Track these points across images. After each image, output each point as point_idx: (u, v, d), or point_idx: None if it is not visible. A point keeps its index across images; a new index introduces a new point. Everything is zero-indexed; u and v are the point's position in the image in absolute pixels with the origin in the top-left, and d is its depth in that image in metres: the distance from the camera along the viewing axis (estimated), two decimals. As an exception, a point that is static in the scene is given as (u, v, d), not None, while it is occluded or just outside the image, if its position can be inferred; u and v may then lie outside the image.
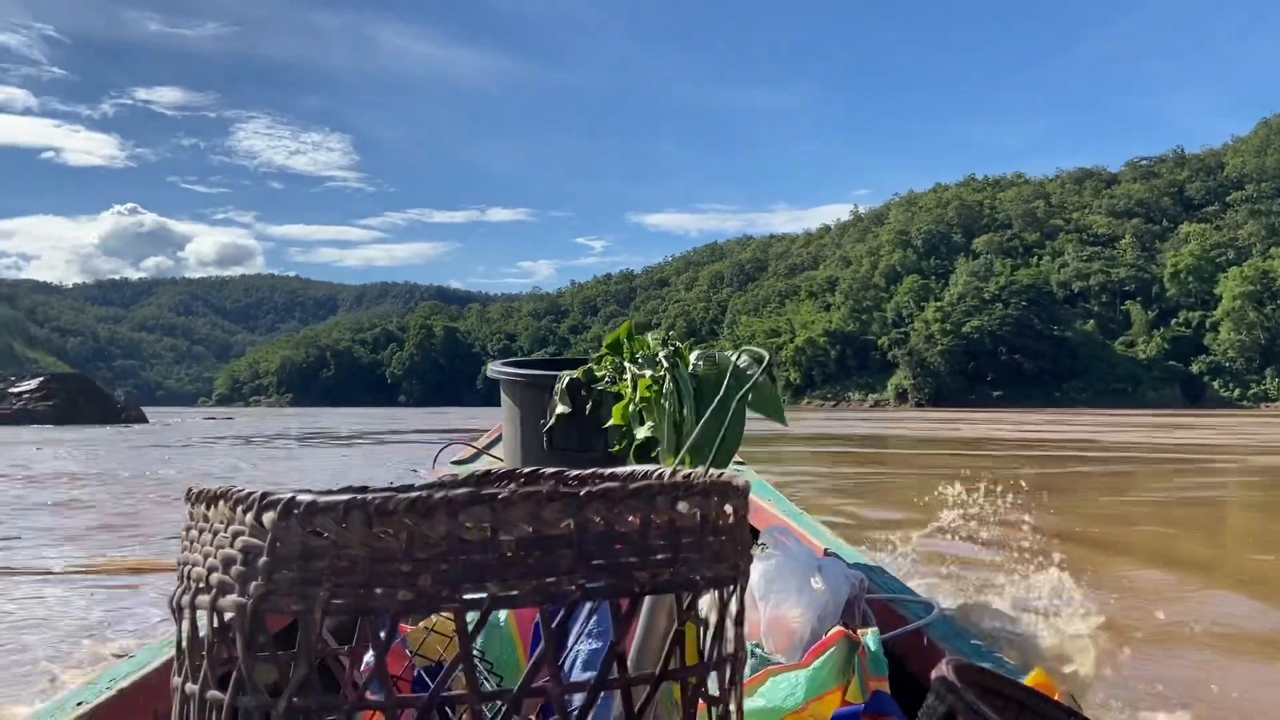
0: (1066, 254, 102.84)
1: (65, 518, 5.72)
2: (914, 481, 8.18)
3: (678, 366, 1.70)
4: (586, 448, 1.89)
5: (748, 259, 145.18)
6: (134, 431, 20.00)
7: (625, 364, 1.85)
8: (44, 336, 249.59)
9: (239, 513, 0.60)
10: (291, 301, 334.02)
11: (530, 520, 0.58)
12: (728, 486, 0.68)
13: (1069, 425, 25.69)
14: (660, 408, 1.66)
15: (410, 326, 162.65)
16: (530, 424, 2.06)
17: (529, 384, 2.14)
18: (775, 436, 16.96)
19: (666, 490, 0.63)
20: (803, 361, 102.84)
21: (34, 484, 8.07)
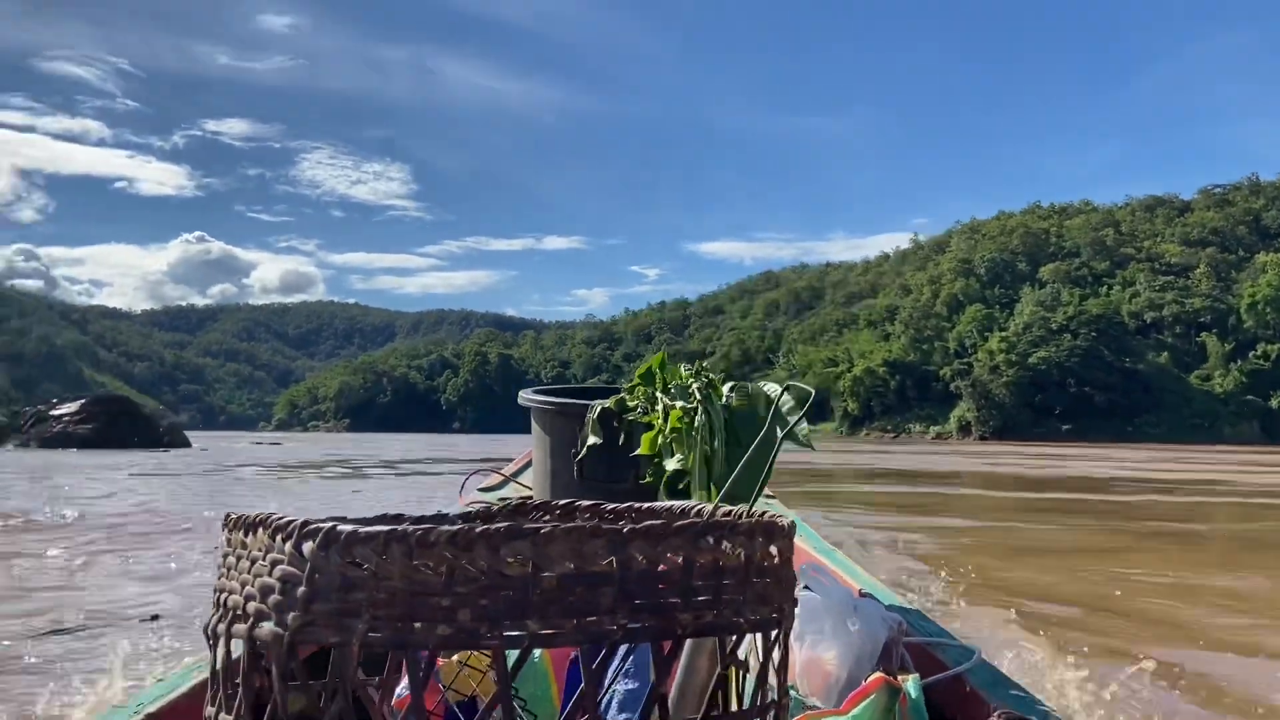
0: (1138, 284, 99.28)
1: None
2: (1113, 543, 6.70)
3: (710, 399, 1.68)
4: (617, 479, 1.87)
5: (804, 287, 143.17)
6: (171, 456, 19.19)
7: (657, 395, 1.82)
8: (112, 361, 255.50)
9: (278, 541, 0.59)
10: (351, 328, 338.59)
11: (572, 556, 0.57)
12: (773, 526, 0.66)
13: (1187, 463, 23.65)
14: (691, 440, 1.65)
15: (465, 353, 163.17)
16: (560, 453, 2.01)
17: (559, 412, 2.07)
18: (839, 471, 15.44)
19: (711, 529, 0.62)
20: (861, 392, 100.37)
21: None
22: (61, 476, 12.19)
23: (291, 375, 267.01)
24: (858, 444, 72.01)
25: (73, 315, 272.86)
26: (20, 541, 5.65)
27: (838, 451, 30.36)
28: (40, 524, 6.60)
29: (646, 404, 1.84)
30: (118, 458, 17.74)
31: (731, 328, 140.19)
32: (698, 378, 1.77)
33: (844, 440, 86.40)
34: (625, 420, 1.87)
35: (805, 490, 11.14)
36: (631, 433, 1.83)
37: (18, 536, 5.93)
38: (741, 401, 1.67)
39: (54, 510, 7.44)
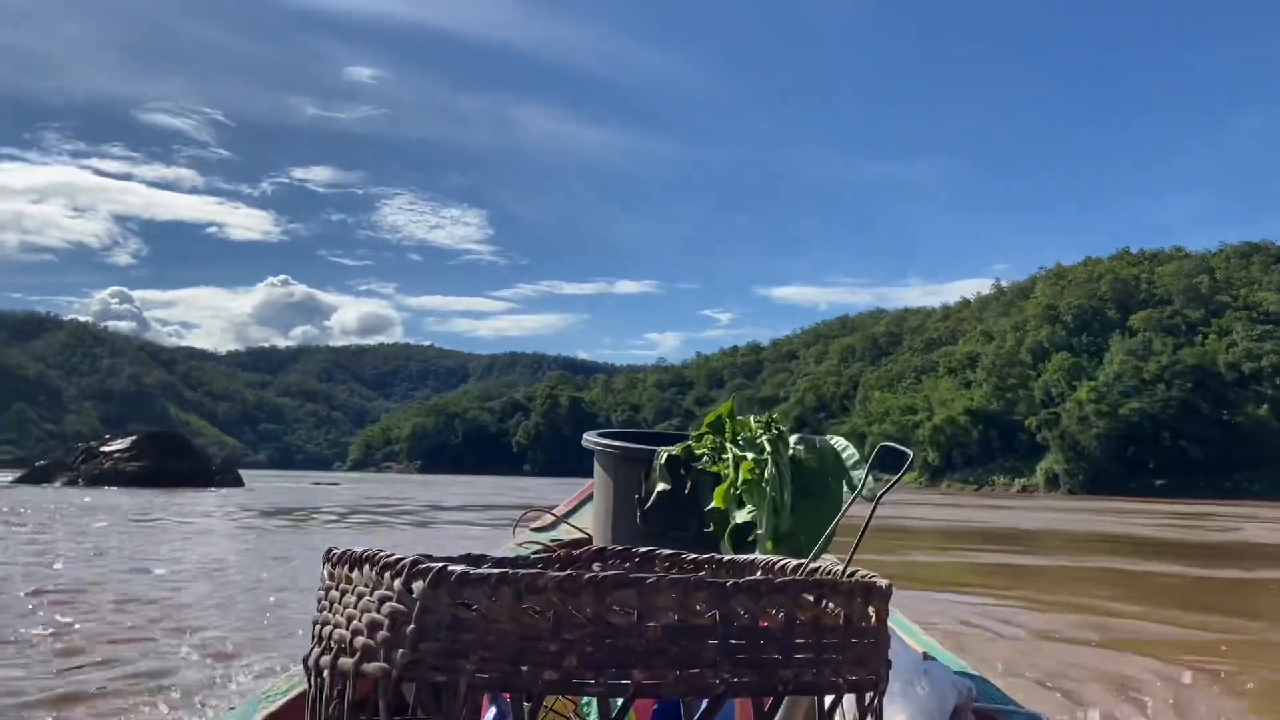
0: (1234, 333, 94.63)
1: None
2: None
3: (779, 450, 1.67)
4: (680, 527, 1.82)
5: (881, 332, 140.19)
6: (215, 498, 18.40)
7: (726, 444, 1.79)
8: (196, 400, 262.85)
9: (387, 578, 0.59)
10: (425, 370, 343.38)
11: (676, 608, 0.57)
12: (872, 588, 0.66)
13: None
14: (761, 492, 1.63)
15: (537, 396, 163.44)
16: (623, 497, 1.96)
17: (625, 457, 2.00)
18: (918, 528, 13.92)
19: (812, 587, 0.61)
20: (941, 441, 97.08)
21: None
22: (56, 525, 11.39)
23: (367, 416, 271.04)
24: (937, 495, 69.24)
25: (161, 355, 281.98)
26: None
27: (916, 504, 28.52)
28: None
29: (713, 453, 1.81)
30: (154, 499, 16.94)
31: (806, 373, 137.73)
32: (767, 429, 1.75)
33: (923, 491, 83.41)
34: (692, 468, 1.82)
35: (878, 550, 9.73)
36: (697, 481, 1.80)
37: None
38: (810, 454, 1.66)
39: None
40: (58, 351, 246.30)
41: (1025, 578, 8.43)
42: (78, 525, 10.60)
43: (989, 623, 5.31)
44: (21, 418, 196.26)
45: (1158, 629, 5.52)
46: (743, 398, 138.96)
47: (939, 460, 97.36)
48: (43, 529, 10.07)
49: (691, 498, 1.81)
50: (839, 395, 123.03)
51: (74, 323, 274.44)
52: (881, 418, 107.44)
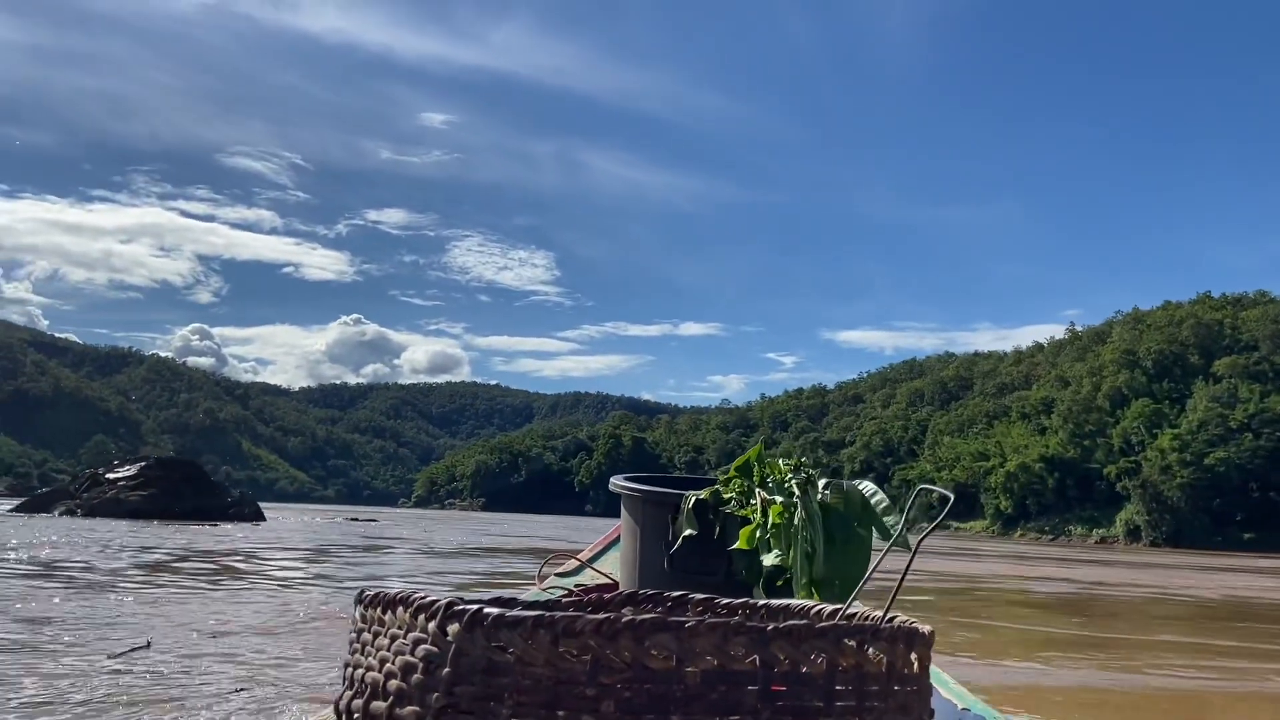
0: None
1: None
2: None
3: (808, 494, 1.69)
4: (708, 571, 1.83)
5: (950, 376, 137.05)
6: (216, 533, 16.03)
7: (755, 488, 1.82)
8: (268, 435, 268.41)
9: (421, 620, 0.58)
10: (491, 409, 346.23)
11: (715, 653, 0.56)
12: (915, 634, 0.65)
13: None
14: (791, 536, 1.65)
15: (600, 436, 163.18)
16: (650, 541, 1.97)
17: (652, 501, 2.01)
18: (987, 588, 12.85)
19: (854, 632, 0.60)
20: (1015, 489, 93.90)
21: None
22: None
23: (433, 453, 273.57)
24: (1010, 544, 66.76)
25: (236, 391, 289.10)
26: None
27: (984, 557, 27.10)
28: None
29: (742, 497, 1.83)
30: (147, 532, 14.80)
31: (872, 416, 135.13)
32: (796, 473, 1.77)
33: (996, 539, 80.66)
34: (720, 513, 1.84)
35: (935, 608, 8.57)
36: (725, 526, 1.82)
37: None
38: (836, 499, 1.67)
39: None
40: (138, 385, 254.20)
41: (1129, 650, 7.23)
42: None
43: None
44: (100, 449, 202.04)
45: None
46: (807, 441, 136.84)
47: (1012, 509, 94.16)
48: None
49: (719, 542, 1.81)
50: (907, 440, 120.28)
51: (155, 357, 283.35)
52: (952, 463, 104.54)
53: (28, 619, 4.84)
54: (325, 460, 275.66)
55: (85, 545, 10.92)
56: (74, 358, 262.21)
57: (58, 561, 8.56)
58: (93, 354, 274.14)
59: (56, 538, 12.18)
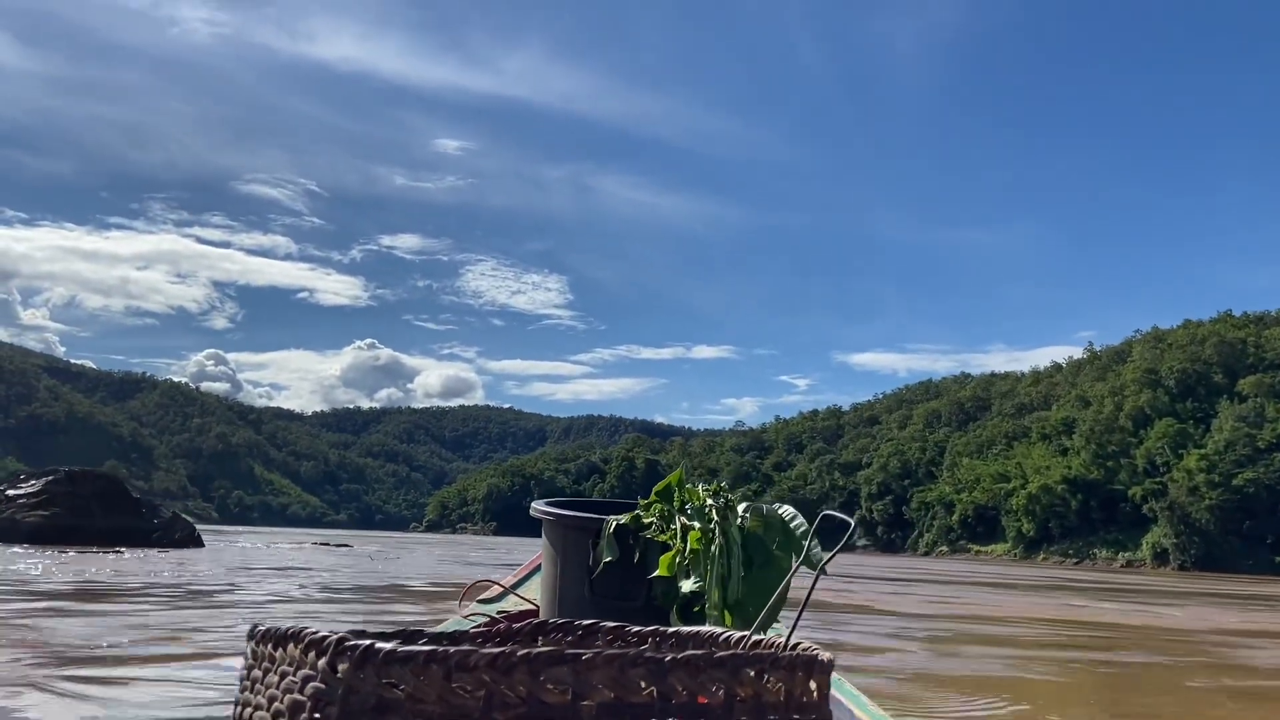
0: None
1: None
2: None
3: (728, 519, 1.70)
4: (628, 597, 1.83)
5: (967, 397, 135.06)
6: (128, 564, 11.70)
7: (675, 513, 1.82)
8: (281, 459, 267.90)
9: (311, 657, 0.55)
10: (504, 432, 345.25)
11: (613, 685, 0.55)
12: (814, 661, 0.64)
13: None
14: (709, 561, 1.65)
15: (613, 458, 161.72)
16: (571, 567, 1.95)
17: (573, 526, 1.99)
18: (1013, 634, 11.12)
19: (753, 662, 0.60)
20: (1037, 511, 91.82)
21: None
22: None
23: (446, 477, 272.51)
24: (1033, 569, 64.83)
25: (249, 415, 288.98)
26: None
27: (1006, 586, 25.44)
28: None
29: (662, 522, 1.83)
30: (30, 561, 11.08)
31: (889, 438, 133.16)
32: (715, 498, 1.77)
33: (1018, 564, 78.61)
34: (641, 538, 1.83)
35: (950, 648, 6.47)
36: (646, 551, 1.82)
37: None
38: (757, 523, 1.67)
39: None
40: (151, 410, 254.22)
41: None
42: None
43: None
44: (112, 474, 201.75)
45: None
46: (823, 463, 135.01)
47: (1034, 531, 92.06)
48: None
49: (640, 568, 1.80)
50: (925, 461, 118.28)
51: (168, 383, 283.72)
52: (971, 485, 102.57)
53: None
54: (338, 485, 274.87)
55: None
56: (88, 383, 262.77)
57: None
58: (106, 379, 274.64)
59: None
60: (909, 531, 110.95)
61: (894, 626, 7.89)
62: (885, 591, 14.52)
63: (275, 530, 74.19)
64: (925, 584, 18.95)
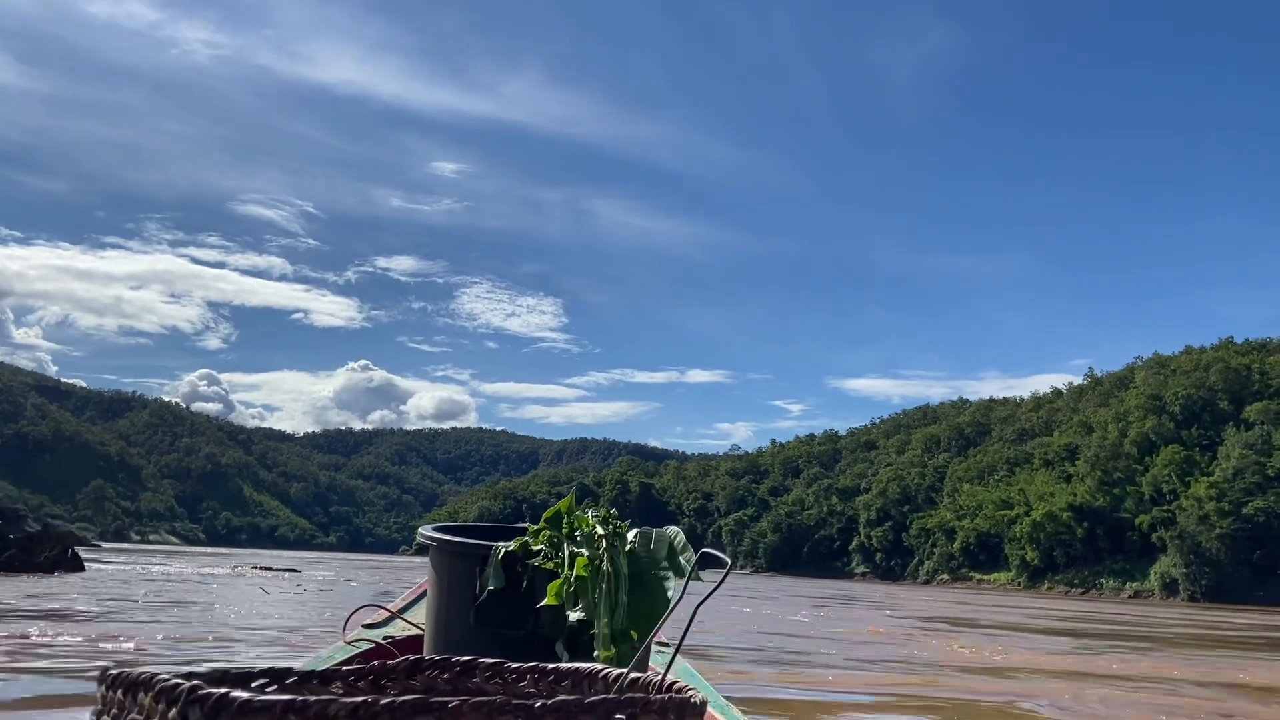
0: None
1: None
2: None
3: (616, 547, 1.69)
4: (515, 625, 1.80)
5: (966, 422, 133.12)
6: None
7: (564, 540, 1.81)
8: (270, 480, 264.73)
9: (162, 706, 0.52)
10: (497, 455, 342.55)
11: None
12: (685, 704, 0.64)
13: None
14: (596, 590, 1.64)
15: (606, 481, 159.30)
16: (457, 594, 1.90)
17: (459, 552, 1.95)
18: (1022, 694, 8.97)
19: (623, 706, 0.59)
20: (1041, 539, 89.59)
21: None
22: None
23: (437, 500, 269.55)
24: (1038, 599, 62.77)
25: (239, 436, 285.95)
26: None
27: (1007, 608, 23.40)
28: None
29: (551, 549, 1.81)
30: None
31: (887, 463, 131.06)
32: (605, 525, 1.76)
33: (1022, 594, 76.44)
34: (529, 565, 1.82)
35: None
36: (534, 578, 1.80)
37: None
38: (646, 551, 1.66)
39: None
40: (140, 430, 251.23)
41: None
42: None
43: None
44: (99, 494, 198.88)
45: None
46: (820, 488, 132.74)
47: (1039, 560, 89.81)
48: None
49: (527, 595, 1.78)
50: (924, 487, 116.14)
51: (158, 402, 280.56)
52: (973, 512, 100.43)
53: None
54: (328, 506, 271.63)
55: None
56: (77, 402, 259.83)
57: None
58: (96, 398, 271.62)
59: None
60: (909, 559, 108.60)
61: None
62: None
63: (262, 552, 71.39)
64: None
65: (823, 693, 5.57)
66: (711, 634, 9.37)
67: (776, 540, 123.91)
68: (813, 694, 5.48)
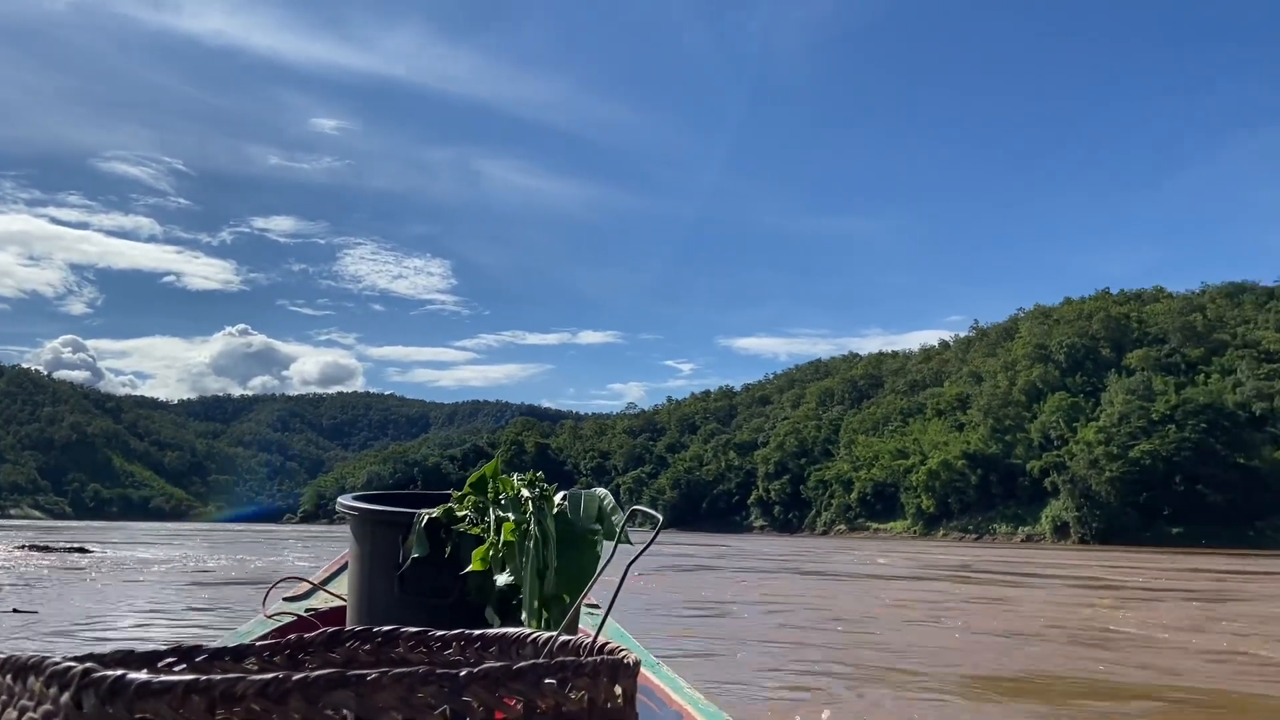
0: (1239, 372, 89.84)
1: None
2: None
3: (544, 510, 1.66)
4: (442, 593, 1.74)
5: (860, 375, 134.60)
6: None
7: (489, 506, 1.76)
8: (143, 450, 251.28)
9: (53, 691, 0.49)
10: (385, 419, 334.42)
11: (401, 706, 0.51)
12: (618, 665, 0.62)
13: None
14: (524, 554, 1.61)
15: (501, 442, 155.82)
16: (380, 565, 1.84)
17: (381, 521, 1.88)
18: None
19: (554, 671, 0.57)
20: (936, 487, 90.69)
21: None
22: None
23: (324, 466, 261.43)
24: (934, 545, 62.99)
25: (107, 404, 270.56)
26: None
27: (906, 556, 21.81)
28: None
29: (476, 515, 1.76)
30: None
31: (784, 417, 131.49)
32: (531, 488, 1.73)
33: (919, 541, 77.06)
34: (454, 531, 1.76)
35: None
36: (460, 545, 1.74)
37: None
38: (575, 512, 1.64)
39: None
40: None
41: None
42: None
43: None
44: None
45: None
46: (719, 443, 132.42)
47: (934, 508, 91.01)
48: None
49: (453, 562, 1.73)
50: (820, 440, 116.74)
51: (17, 369, 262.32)
52: (870, 462, 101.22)
53: None
54: (205, 476, 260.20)
55: None
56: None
57: None
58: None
59: None
60: (806, 511, 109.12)
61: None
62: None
63: (142, 526, 65.86)
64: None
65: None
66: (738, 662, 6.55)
67: (675, 497, 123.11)
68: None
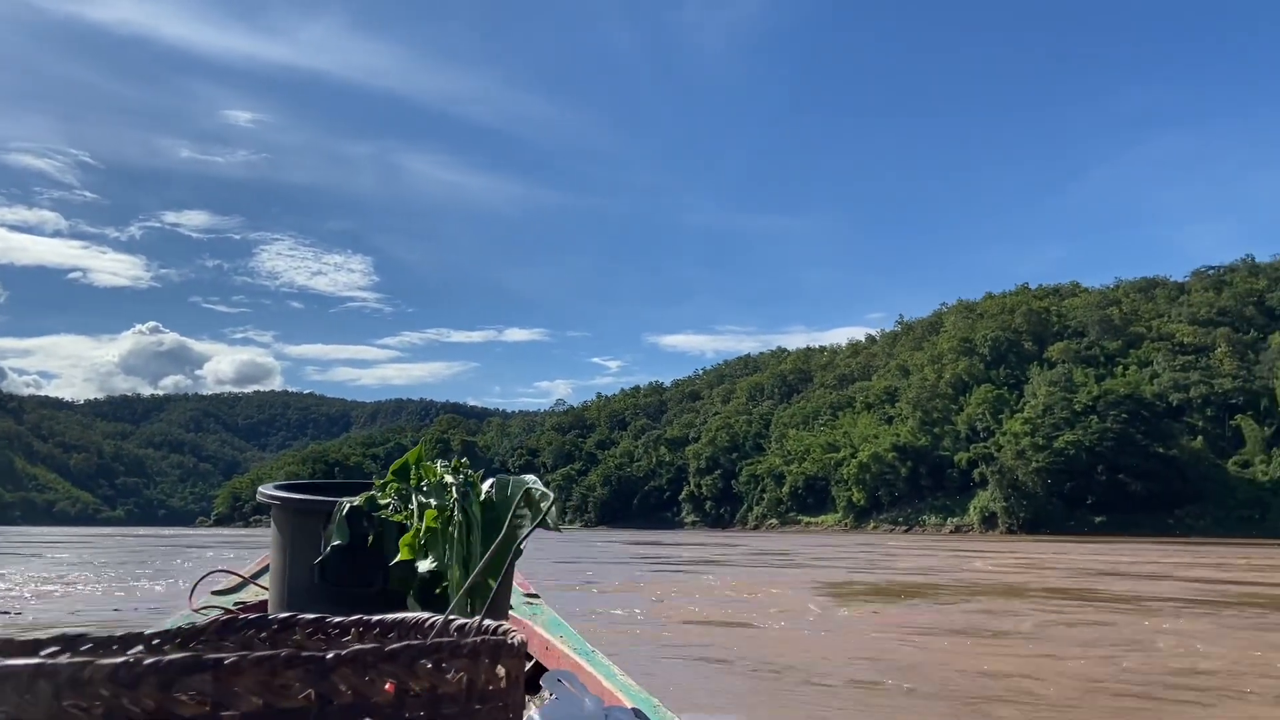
0: (1155, 364, 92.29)
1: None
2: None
3: (469, 496, 1.64)
4: (365, 582, 1.72)
5: (789, 370, 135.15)
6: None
7: (412, 493, 1.74)
8: (46, 452, 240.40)
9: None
10: (305, 419, 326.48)
11: (261, 691, 0.49)
12: (500, 645, 0.60)
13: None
14: (448, 540, 1.59)
15: (425, 440, 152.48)
16: (301, 554, 1.81)
17: (301, 510, 1.85)
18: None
19: (427, 653, 0.55)
20: (867, 480, 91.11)
21: None
22: None
23: (240, 467, 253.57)
24: (865, 536, 62.93)
25: (9, 404, 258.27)
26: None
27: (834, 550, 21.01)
28: None
29: (399, 502, 1.75)
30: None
31: (715, 412, 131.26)
32: (455, 474, 1.72)
33: (849, 533, 77.18)
34: (376, 519, 1.74)
35: None
36: (383, 533, 1.73)
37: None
38: (501, 497, 1.62)
39: None
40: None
41: None
42: None
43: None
44: None
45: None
46: (650, 439, 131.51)
47: (864, 500, 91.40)
48: None
49: (376, 551, 1.71)
50: (751, 434, 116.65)
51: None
52: (801, 456, 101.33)
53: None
54: (113, 478, 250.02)
55: None
56: None
57: None
58: None
59: None
60: (738, 506, 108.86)
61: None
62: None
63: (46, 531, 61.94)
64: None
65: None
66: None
67: (606, 493, 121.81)
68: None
